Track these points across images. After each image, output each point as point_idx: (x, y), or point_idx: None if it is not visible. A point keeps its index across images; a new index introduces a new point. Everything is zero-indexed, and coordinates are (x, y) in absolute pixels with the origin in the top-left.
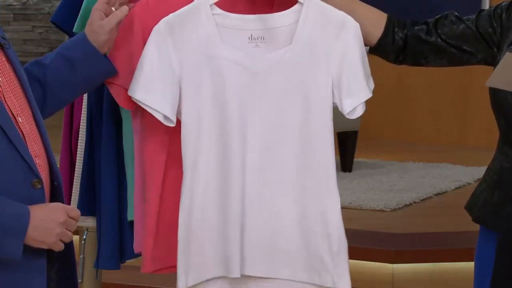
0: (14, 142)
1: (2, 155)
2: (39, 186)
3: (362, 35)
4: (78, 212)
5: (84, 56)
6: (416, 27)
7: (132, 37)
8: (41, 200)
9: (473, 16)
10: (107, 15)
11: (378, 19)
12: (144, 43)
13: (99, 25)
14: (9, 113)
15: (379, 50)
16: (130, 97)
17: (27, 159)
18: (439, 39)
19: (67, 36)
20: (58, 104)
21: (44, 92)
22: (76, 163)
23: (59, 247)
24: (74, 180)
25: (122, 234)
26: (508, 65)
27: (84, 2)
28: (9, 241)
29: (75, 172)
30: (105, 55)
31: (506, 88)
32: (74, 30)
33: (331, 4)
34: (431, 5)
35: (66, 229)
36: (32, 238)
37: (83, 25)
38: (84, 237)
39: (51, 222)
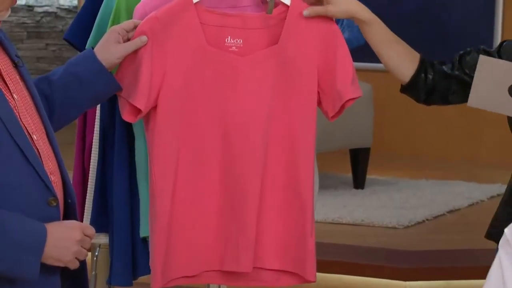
0: (31, 160)
1: (20, 173)
2: (55, 204)
3: (396, 71)
4: (93, 230)
5: (92, 74)
6: (443, 66)
7: (141, 50)
8: (56, 218)
9: (496, 47)
10: (123, 41)
11: (412, 58)
12: (153, 56)
13: (115, 47)
14: (25, 131)
15: (411, 88)
16: (132, 111)
17: (43, 177)
18: (463, 74)
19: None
20: (64, 120)
21: (51, 108)
22: (89, 180)
23: (75, 265)
24: (87, 197)
25: (135, 251)
26: (485, 73)
27: (97, 19)
28: (26, 259)
29: (88, 188)
30: (111, 73)
31: (489, 108)
32: (87, 47)
33: (369, 30)
34: (445, 7)
35: (81, 247)
36: (49, 256)
37: (96, 42)
38: (96, 253)
39: (68, 240)
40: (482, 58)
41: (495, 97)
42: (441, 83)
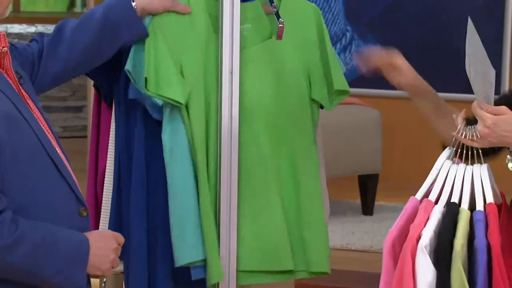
0: (63, 173)
1: (55, 187)
2: (85, 214)
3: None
4: (123, 239)
5: (124, 19)
6: None
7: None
8: (87, 228)
9: None
10: None
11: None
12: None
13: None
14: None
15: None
16: None
17: (74, 189)
18: None
19: (89, 79)
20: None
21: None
22: (102, 207)
23: (110, 273)
24: (100, 223)
25: (151, 279)
26: (471, 39)
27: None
28: (73, 269)
29: (101, 216)
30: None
31: (471, 80)
32: (126, 68)
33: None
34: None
35: None
36: (91, 265)
37: (134, 64)
38: (105, 280)
39: (107, 249)
40: (470, 23)
41: (472, 68)
42: None
